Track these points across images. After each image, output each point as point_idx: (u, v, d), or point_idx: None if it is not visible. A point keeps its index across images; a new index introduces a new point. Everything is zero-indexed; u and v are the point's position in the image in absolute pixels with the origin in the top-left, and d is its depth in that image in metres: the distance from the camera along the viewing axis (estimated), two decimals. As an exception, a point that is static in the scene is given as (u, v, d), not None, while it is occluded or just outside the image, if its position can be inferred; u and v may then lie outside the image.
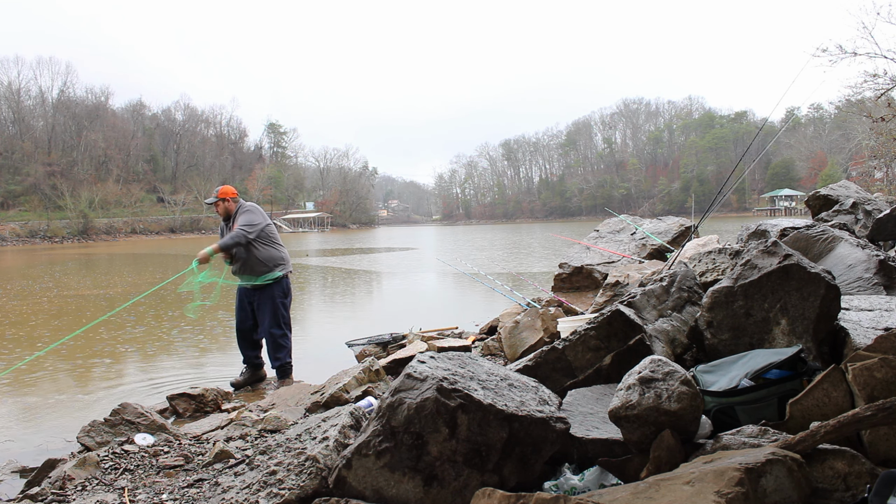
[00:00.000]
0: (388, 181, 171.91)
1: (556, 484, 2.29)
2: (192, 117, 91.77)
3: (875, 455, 1.98)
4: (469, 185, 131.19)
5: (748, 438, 2.09)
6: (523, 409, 2.30)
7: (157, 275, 19.26)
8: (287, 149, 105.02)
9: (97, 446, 3.49)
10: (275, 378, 5.65)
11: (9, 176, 67.00)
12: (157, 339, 8.32)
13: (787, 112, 50.26)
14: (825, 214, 6.84)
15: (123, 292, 14.17)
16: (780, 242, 3.11)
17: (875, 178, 26.68)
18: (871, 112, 18.57)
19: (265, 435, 3.45)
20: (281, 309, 5.54)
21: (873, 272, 3.80)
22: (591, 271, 7.84)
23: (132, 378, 6.25)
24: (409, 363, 2.49)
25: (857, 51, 15.04)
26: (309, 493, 2.39)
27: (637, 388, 2.19)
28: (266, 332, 5.52)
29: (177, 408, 4.63)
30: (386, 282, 16.95)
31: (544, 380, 2.89)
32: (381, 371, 4.68)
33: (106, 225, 66.70)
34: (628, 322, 3.02)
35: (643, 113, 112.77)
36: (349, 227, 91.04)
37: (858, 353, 2.25)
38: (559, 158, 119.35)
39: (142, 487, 2.82)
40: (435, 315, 9.02)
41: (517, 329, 5.24)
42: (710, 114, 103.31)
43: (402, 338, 6.52)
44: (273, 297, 5.50)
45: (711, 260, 4.43)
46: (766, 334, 2.89)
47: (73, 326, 9.58)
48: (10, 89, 73.87)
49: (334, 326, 9.31)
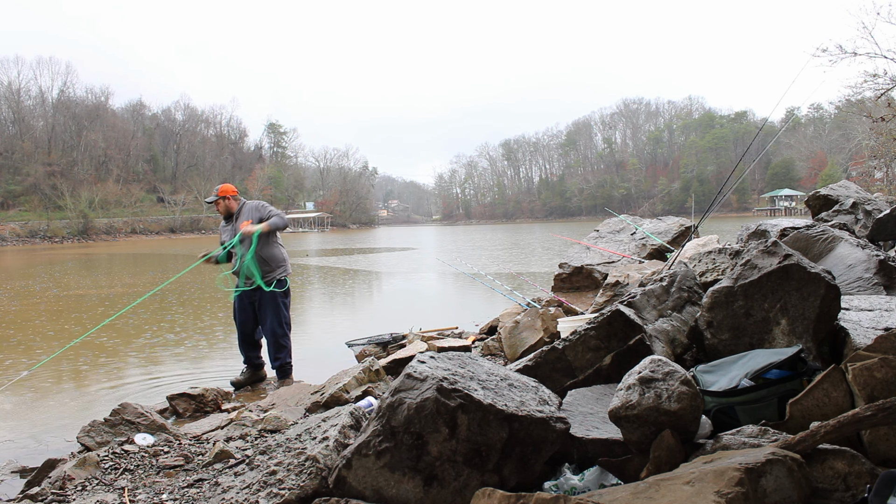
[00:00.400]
0: (388, 181, 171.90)
1: (556, 484, 2.29)
2: (192, 117, 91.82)
3: (875, 455, 1.98)
4: (469, 185, 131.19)
5: (748, 438, 2.09)
6: (523, 409, 2.30)
7: (157, 275, 19.26)
8: (287, 149, 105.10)
9: (97, 446, 3.49)
10: (275, 378, 5.65)
11: (9, 176, 67.01)
12: (158, 338, 8.32)
13: (787, 112, 50.28)
14: (825, 214, 6.84)
15: (125, 292, 14.17)
16: (780, 242, 3.11)
17: (875, 178, 26.66)
18: (871, 112, 18.57)
19: (265, 435, 3.45)
20: (283, 309, 5.54)
21: (873, 272, 3.80)
22: (591, 271, 7.84)
23: (132, 378, 6.25)
24: (409, 363, 2.49)
25: (857, 51, 15.04)
26: (309, 493, 2.39)
27: (637, 388, 2.19)
28: (268, 332, 5.51)
29: (177, 408, 4.63)
30: (386, 282, 16.96)
31: (544, 380, 2.89)
32: (381, 371, 4.68)
33: (106, 225, 66.72)
34: (628, 322, 3.02)
35: (643, 113, 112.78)
36: (349, 227, 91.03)
37: (858, 353, 2.25)
38: (559, 158, 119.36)
39: (142, 487, 2.82)
40: (435, 315, 9.02)
41: (517, 329, 5.24)
42: (710, 114, 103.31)
43: (402, 338, 6.52)
44: (275, 296, 5.49)
45: (711, 260, 4.43)
46: (766, 334, 2.89)
47: (74, 326, 9.58)
48: (10, 89, 73.91)
49: (334, 326, 9.30)
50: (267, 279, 5.45)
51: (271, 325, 5.48)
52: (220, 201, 5.60)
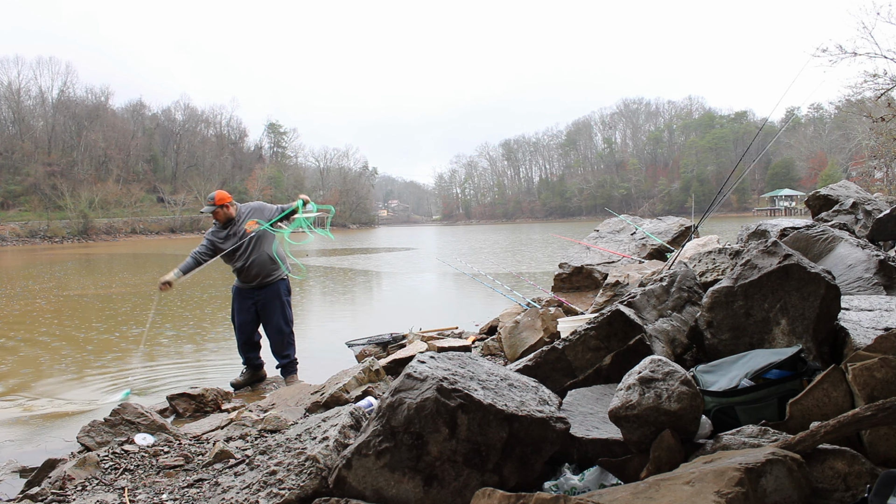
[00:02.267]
0: (388, 181, 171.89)
1: (556, 484, 2.29)
2: (192, 117, 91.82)
3: (875, 455, 1.98)
4: (469, 185, 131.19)
5: (748, 438, 2.09)
6: (523, 409, 2.30)
7: (159, 275, 19.24)
8: (287, 149, 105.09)
9: (97, 446, 3.49)
10: (277, 378, 5.64)
11: (9, 176, 67.01)
12: (158, 338, 8.32)
13: (787, 112, 50.21)
14: (825, 214, 6.84)
15: (127, 292, 14.16)
16: (780, 242, 3.11)
17: (875, 178, 26.66)
18: (871, 112, 18.57)
19: (265, 435, 3.45)
20: (287, 307, 5.56)
21: (873, 272, 3.80)
22: (591, 271, 7.83)
23: (132, 378, 6.25)
24: (409, 363, 2.49)
25: (857, 51, 15.06)
26: (309, 493, 2.39)
27: (637, 388, 2.19)
28: (274, 330, 5.49)
29: (177, 408, 4.63)
30: (386, 282, 16.95)
31: (544, 380, 2.89)
32: (381, 371, 4.68)
33: (106, 225, 66.72)
34: (628, 322, 3.02)
35: (643, 113, 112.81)
36: (349, 227, 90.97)
37: (858, 353, 2.25)
38: (559, 158, 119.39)
39: (142, 487, 2.82)
40: (435, 315, 9.02)
41: (517, 329, 5.24)
42: (710, 114, 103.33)
43: (402, 338, 6.52)
44: (279, 294, 5.49)
45: (711, 260, 4.43)
46: (766, 334, 2.89)
47: (77, 325, 9.58)
48: (10, 89, 73.92)
49: (334, 326, 9.30)
50: (276, 276, 5.49)
51: (277, 323, 5.47)
52: (219, 210, 5.46)
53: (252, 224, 5.43)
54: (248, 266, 5.41)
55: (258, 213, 5.55)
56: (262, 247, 5.43)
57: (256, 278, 5.44)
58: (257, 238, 5.41)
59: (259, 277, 5.43)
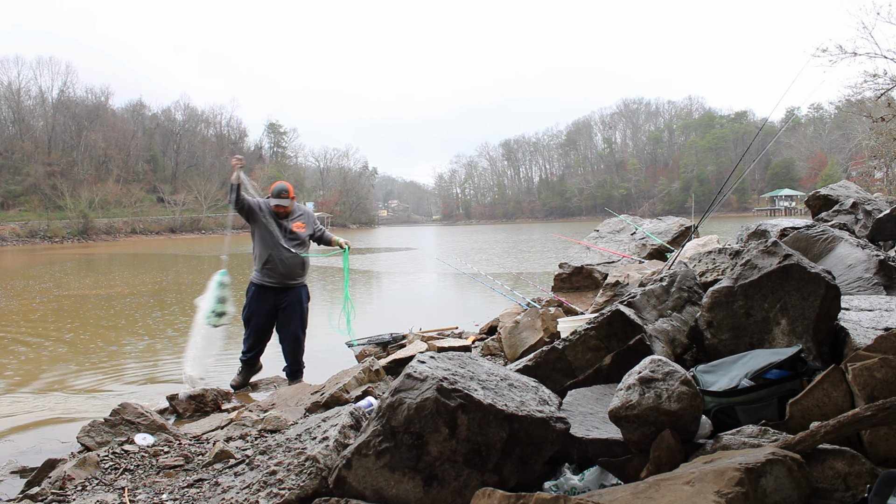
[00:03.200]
0: (388, 181, 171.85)
1: (556, 484, 2.29)
2: (192, 117, 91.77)
3: (875, 455, 1.98)
4: (469, 185, 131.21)
5: (748, 438, 2.09)
6: (523, 409, 2.30)
7: (159, 275, 19.26)
8: (287, 149, 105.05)
9: (97, 446, 3.49)
10: (277, 378, 5.65)
11: (9, 176, 66.97)
12: (157, 338, 8.32)
13: (787, 112, 50.20)
14: (825, 214, 6.84)
15: (127, 292, 14.16)
16: (780, 242, 3.11)
17: (875, 178, 26.65)
18: (871, 112, 18.58)
19: (265, 435, 3.45)
20: (306, 313, 5.59)
21: (873, 272, 3.80)
22: (591, 271, 7.83)
23: (132, 378, 6.25)
24: (409, 363, 2.49)
25: (857, 51, 15.07)
26: (309, 493, 2.39)
27: (637, 388, 2.19)
28: (291, 336, 5.47)
29: (177, 408, 4.63)
30: (386, 282, 16.95)
31: (544, 380, 2.89)
32: (381, 371, 4.68)
33: (106, 225, 66.68)
34: (628, 322, 3.02)
35: (643, 113, 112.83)
36: (349, 227, 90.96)
37: (858, 353, 2.25)
38: (559, 158, 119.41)
39: (142, 487, 2.82)
40: (435, 315, 9.02)
41: (517, 329, 5.24)
42: (710, 114, 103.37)
43: (402, 338, 6.52)
44: (302, 300, 5.51)
45: (711, 260, 4.43)
46: (766, 334, 2.89)
47: (77, 325, 9.58)
48: (10, 89, 73.86)
49: (334, 326, 9.28)
50: (300, 280, 5.53)
51: (295, 329, 5.47)
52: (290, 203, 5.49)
53: (301, 226, 5.49)
54: (280, 260, 5.33)
55: (307, 217, 5.65)
56: (301, 249, 5.45)
57: (283, 277, 5.38)
58: (300, 241, 5.45)
59: (285, 277, 5.39)
